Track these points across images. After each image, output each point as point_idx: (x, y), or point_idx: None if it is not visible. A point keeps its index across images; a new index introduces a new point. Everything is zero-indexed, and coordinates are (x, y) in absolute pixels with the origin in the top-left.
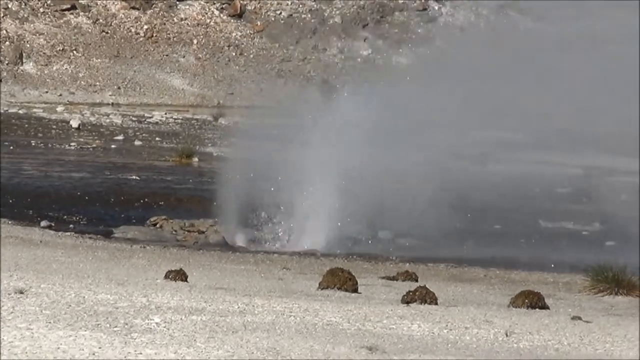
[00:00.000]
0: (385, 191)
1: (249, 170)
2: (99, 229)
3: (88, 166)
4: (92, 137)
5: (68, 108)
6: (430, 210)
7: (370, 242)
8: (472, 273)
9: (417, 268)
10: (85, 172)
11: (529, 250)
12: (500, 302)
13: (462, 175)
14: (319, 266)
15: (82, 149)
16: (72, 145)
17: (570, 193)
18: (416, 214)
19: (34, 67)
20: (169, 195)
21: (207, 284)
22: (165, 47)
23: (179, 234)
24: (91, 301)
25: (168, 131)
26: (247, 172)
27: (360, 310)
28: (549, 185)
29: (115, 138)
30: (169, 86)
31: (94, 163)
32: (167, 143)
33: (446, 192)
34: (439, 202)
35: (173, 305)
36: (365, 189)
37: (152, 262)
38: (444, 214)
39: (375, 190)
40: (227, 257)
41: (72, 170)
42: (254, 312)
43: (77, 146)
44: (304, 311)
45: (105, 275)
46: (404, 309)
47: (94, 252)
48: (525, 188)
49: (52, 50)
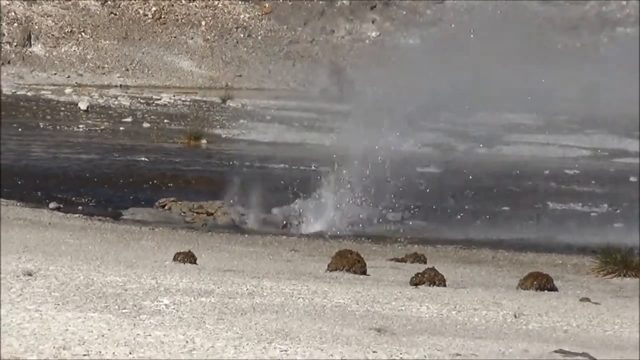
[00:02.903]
0: (393, 173)
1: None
2: (108, 210)
3: (96, 148)
4: (100, 119)
5: (76, 90)
6: (438, 192)
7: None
8: (480, 255)
9: (425, 250)
10: (93, 154)
11: (537, 232)
12: (509, 284)
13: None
14: (327, 248)
15: (90, 131)
16: (80, 128)
17: (578, 175)
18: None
19: (42, 48)
20: (177, 177)
21: (216, 265)
22: (174, 28)
23: (187, 216)
24: (100, 283)
25: (176, 113)
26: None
27: (368, 292)
28: (557, 166)
29: (123, 120)
30: (177, 68)
31: (102, 145)
32: (176, 125)
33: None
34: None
35: (182, 287)
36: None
37: (161, 244)
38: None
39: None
40: (235, 239)
41: (81, 152)
42: (263, 294)
43: (85, 128)
44: (313, 293)
45: (114, 257)
46: (413, 290)
47: (102, 234)
48: (534, 170)
49: (61, 32)
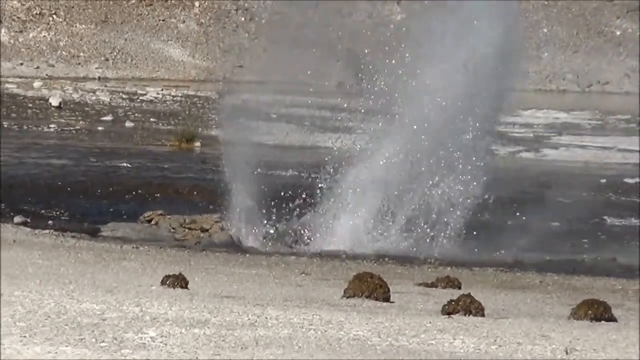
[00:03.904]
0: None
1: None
2: (84, 226)
3: (70, 152)
4: (75, 118)
5: (47, 83)
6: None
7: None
8: (525, 279)
9: (459, 273)
10: (67, 158)
11: (593, 252)
12: (559, 313)
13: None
14: (343, 270)
15: (63, 131)
16: (51, 127)
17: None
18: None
19: (7, 34)
20: (166, 186)
21: (212, 291)
22: (162, 10)
23: (177, 232)
24: (74, 311)
25: (165, 111)
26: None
27: (393, 322)
28: (616, 174)
29: (102, 119)
30: (166, 57)
31: (77, 148)
32: (164, 125)
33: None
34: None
35: (171, 317)
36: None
37: (146, 265)
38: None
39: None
40: (235, 260)
41: (52, 156)
42: (267, 325)
43: (57, 128)
44: (326, 323)
45: (91, 280)
46: (445, 321)
47: (77, 253)
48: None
49: (28, 15)
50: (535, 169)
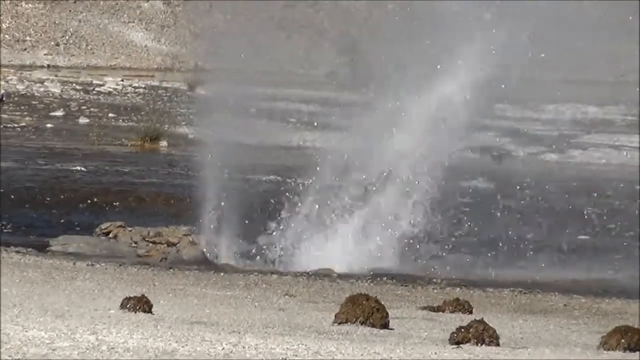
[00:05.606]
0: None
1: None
2: (30, 239)
3: (14, 153)
4: (20, 113)
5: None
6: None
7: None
8: (547, 302)
9: (471, 295)
10: (10, 161)
11: (626, 271)
12: (587, 342)
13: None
14: (334, 291)
15: (5, 128)
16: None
17: None
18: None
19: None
20: (126, 193)
21: (180, 316)
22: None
23: (140, 247)
24: (19, 340)
25: (126, 104)
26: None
27: (392, 353)
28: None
29: (52, 114)
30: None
31: (22, 149)
32: (125, 121)
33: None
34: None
35: (132, 346)
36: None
37: (104, 285)
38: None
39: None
40: (207, 279)
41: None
42: (245, 356)
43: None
44: (314, 354)
45: (38, 303)
46: (453, 351)
47: (22, 271)
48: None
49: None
50: (560, 173)
